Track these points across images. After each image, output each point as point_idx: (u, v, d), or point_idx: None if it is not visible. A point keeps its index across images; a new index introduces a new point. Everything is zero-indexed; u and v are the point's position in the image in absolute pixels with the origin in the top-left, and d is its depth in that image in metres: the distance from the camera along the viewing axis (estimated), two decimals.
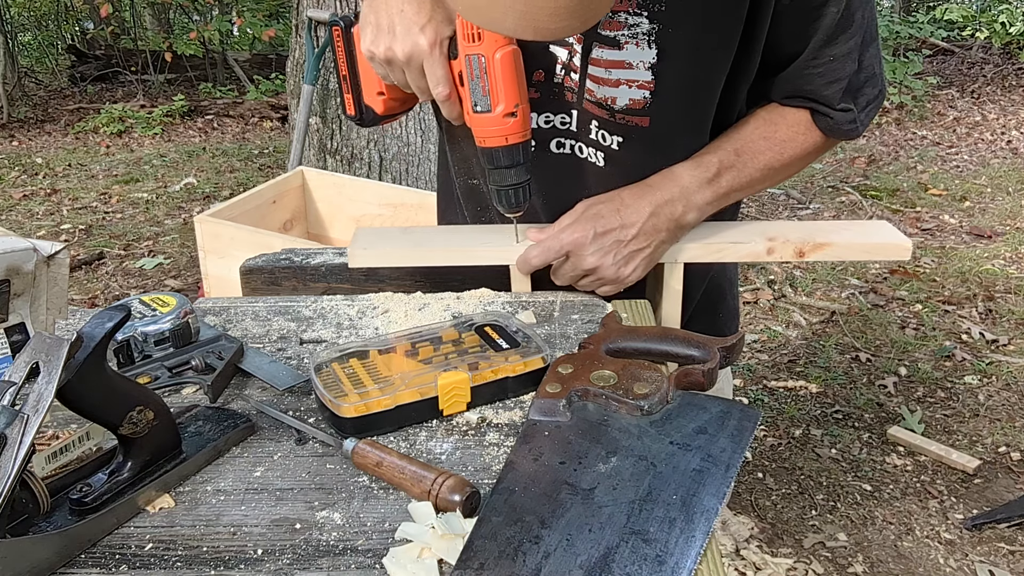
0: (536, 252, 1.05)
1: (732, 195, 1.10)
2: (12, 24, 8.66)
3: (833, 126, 1.08)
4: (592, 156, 1.10)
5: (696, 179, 1.06)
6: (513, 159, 0.98)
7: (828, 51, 1.03)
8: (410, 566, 0.62)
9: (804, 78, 1.06)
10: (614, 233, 1.03)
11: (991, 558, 2.16)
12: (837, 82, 1.05)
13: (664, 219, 1.05)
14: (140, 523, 0.69)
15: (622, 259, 1.04)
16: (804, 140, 1.10)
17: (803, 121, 1.09)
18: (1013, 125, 6.30)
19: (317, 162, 3.85)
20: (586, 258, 1.03)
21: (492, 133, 0.96)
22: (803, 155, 1.11)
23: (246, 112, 7.42)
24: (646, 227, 1.04)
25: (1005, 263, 3.94)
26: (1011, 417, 2.76)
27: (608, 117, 1.06)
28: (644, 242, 1.04)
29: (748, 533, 2.27)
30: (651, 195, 1.05)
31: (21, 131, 7.07)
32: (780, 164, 1.10)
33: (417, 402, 0.81)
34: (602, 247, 1.03)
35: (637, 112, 1.04)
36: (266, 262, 1.18)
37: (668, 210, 1.05)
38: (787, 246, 1.07)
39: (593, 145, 1.09)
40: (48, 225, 4.80)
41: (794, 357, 3.19)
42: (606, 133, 1.08)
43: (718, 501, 0.68)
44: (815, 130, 1.10)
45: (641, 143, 1.07)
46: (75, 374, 0.64)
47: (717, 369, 0.85)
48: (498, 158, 0.98)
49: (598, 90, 1.05)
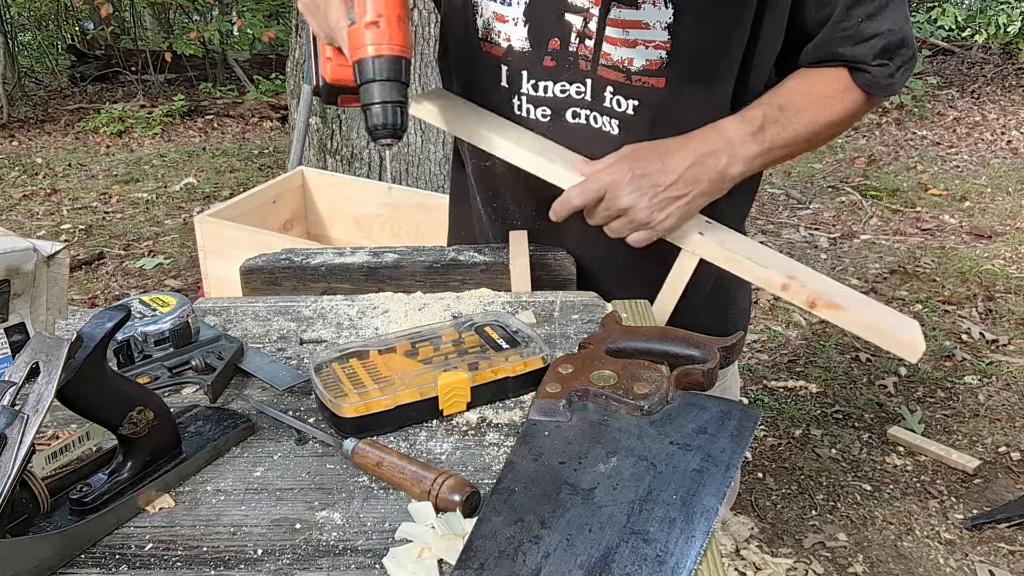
0: (576, 192, 1.05)
1: (777, 151, 1.09)
2: (12, 24, 8.66)
3: (872, 81, 1.08)
4: (607, 125, 1.11)
5: (741, 132, 1.05)
6: (377, 72, 0.93)
7: (857, 11, 1.03)
8: (410, 566, 0.62)
9: (835, 41, 1.06)
10: (653, 176, 1.02)
11: (991, 558, 2.16)
12: (869, 41, 1.05)
13: (707, 169, 1.04)
14: (140, 523, 0.69)
15: (657, 203, 1.03)
16: (844, 98, 1.09)
17: (842, 79, 1.09)
18: (1013, 125, 6.30)
19: (317, 162, 3.85)
20: (621, 197, 1.03)
21: (356, 44, 0.93)
22: (846, 114, 1.10)
23: (246, 112, 7.42)
24: (687, 175, 1.03)
25: (1005, 263, 3.94)
26: (1011, 417, 2.76)
27: (624, 80, 1.06)
28: (683, 190, 1.03)
29: (748, 533, 2.27)
30: (695, 144, 1.05)
31: (21, 131, 7.07)
32: (824, 122, 1.10)
33: (417, 402, 0.81)
34: (639, 188, 1.02)
35: (653, 73, 1.05)
36: (266, 262, 1.18)
37: (712, 161, 1.04)
38: (802, 291, 1.03)
39: (607, 113, 1.10)
40: (48, 225, 4.80)
41: (794, 357, 3.19)
42: (621, 98, 1.08)
43: (718, 501, 0.68)
44: (855, 88, 1.09)
45: (656, 107, 1.07)
46: (75, 374, 0.64)
47: (717, 369, 0.85)
48: (365, 71, 0.93)
49: (615, 52, 1.05)
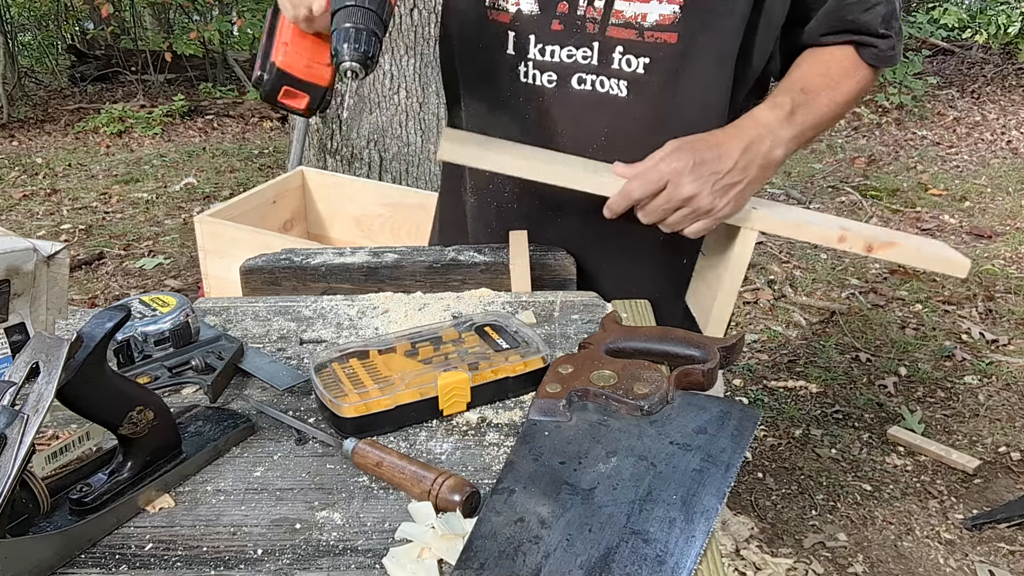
0: (637, 184, 1.05)
1: (807, 132, 1.13)
2: (12, 24, 8.66)
3: (879, 55, 1.13)
4: (614, 88, 1.12)
5: (775, 117, 1.09)
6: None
7: None
8: (410, 566, 0.63)
9: (844, 9, 1.10)
10: (711, 164, 1.04)
11: (991, 558, 2.16)
12: (874, 8, 1.10)
13: (756, 155, 1.07)
14: (140, 523, 0.69)
15: (719, 190, 1.05)
16: (856, 74, 1.14)
17: (850, 56, 1.14)
18: (1013, 125, 6.30)
19: (317, 162, 3.85)
20: (685, 186, 1.04)
21: None
22: (860, 90, 1.16)
23: (246, 112, 7.42)
24: (740, 162, 1.05)
25: (1005, 263, 3.94)
26: (1011, 417, 2.76)
27: (636, 37, 1.09)
28: (739, 176, 1.06)
29: (748, 533, 2.27)
30: (740, 133, 1.07)
31: (21, 131, 7.06)
32: (843, 100, 1.14)
33: (417, 402, 0.81)
34: (700, 176, 1.03)
35: (666, 28, 1.07)
36: (266, 262, 1.18)
37: (758, 147, 1.07)
38: (858, 238, 1.09)
39: (616, 76, 1.12)
40: (48, 225, 4.80)
41: (794, 357, 3.19)
42: (632, 57, 1.10)
43: (718, 501, 0.68)
44: (863, 65, 1.14)
45: (668, 64, 1.10)
46: (75, 374, 0.64)
47: (717, 369, 0.85)
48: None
49: (628, 8, 1.08)
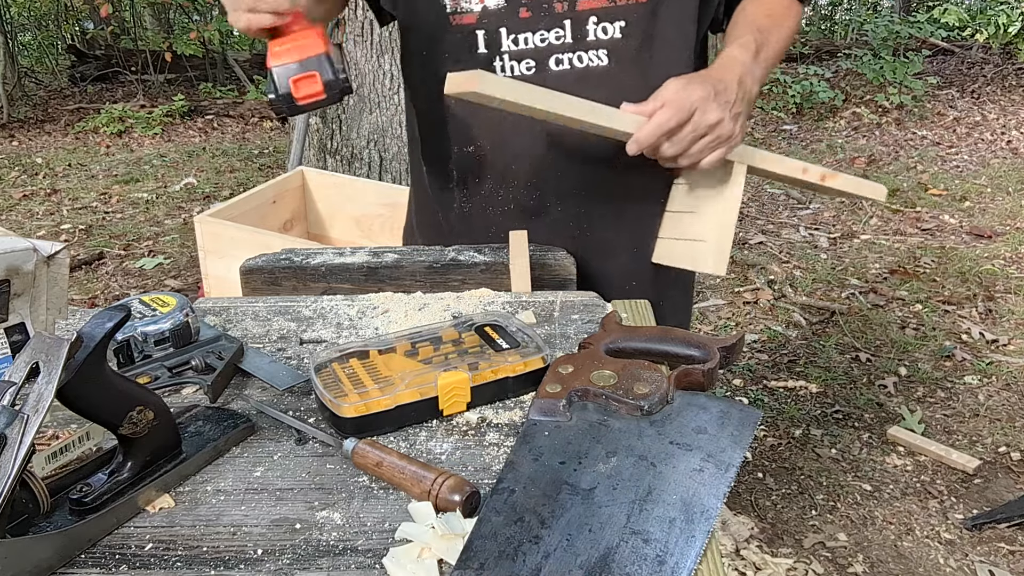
0: (668, 112, 1.06)
1: (770, 68, 1.22)
2: (12, 24, 8.66)
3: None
4: (593, 60, 1.16)
5: (748, 56, 1.15)
6: None
7: None
8: (410, 566, 0.62)
9: None
10: (724, 93, 1.08)
11: (991, 558, 2.16)
12: None
13: (745, 89, 1.12)
14: (140, 523, 0.69)
15: (734, 116, 1.09)
16: (791, 11, 1.26)
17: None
18: (1013, 125, 6.30)
19: (317, 162, 3.85)
20: (710, 112, 1.06)
21: None
22: (795, 25, 1.28)
23: (246, 112, 7.42)
24: (739, 93, 1.10)
25: (1005, 263, 3.94)
26: (1011, 417, 2.76)
27: (609, 3, 1.14)
28: (741, 107, 1.11)
29: (748, 533, 2.27)
30: (730, 69, 1.12)
31: (21, 131, 7.07)
32: (787, 35, 1.24)
33: (417, 402, 0.81)
34: (720, 103, 1.07)
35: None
36: (266, 262, 1.18)
37: (745, 81, 1.13)
38: (816, 172, 1.23)
39: (593, 47, 1.16)
40: (48, 225, 4.80)
41: (794, 357, 3.19)
42: (607, 24, 1.15)
43: (718, 501, 0.68)
44: (795, 1, 1.27)
45: (641, 24, 1.16)
46: (75, 374, 0.64)
47: (717, 369, 0.85)
48: None
49: None
